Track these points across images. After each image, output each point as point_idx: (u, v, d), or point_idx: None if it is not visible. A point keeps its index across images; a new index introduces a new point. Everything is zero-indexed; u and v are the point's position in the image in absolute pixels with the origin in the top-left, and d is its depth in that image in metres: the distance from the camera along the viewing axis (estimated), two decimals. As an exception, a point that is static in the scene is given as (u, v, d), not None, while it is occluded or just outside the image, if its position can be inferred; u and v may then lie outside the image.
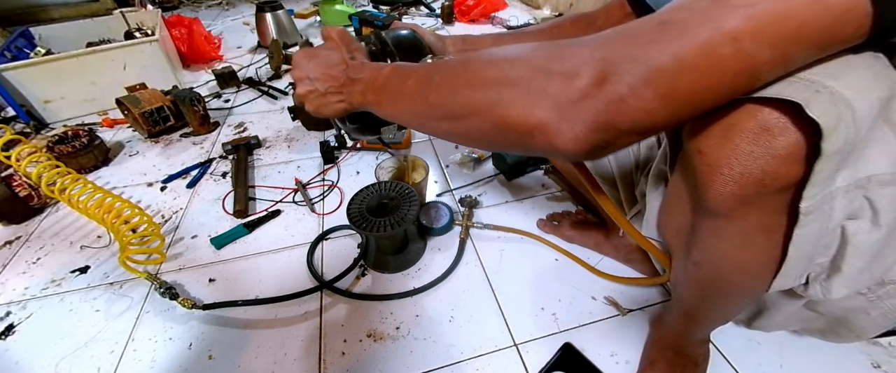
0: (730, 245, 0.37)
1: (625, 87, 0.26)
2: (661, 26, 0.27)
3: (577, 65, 0.28)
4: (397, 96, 0.41)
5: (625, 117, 0.27)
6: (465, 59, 0.36)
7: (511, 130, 0.31)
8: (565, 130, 0.28)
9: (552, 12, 2.14)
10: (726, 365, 0.62)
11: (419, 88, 0.39)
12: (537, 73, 0.29)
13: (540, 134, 0.30)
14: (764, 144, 0.29)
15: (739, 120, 0.29)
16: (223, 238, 0.84)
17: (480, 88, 0.33)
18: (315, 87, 0.48)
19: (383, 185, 0.76)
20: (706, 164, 0.32)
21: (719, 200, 0.33)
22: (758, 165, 0.29)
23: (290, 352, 0.65)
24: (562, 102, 0.28)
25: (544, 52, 0.30)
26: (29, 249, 0.86)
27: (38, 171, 0.80)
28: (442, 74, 0.37)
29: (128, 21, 1.62)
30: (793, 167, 0.29)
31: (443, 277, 0.75)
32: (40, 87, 1.26)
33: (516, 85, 0.30)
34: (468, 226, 0.84)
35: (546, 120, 0.29)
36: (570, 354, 0.63)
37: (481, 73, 0.33)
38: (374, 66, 0.45)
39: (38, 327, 0.70)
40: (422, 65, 0.40)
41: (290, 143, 1.17)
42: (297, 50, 0.53)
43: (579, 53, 0.29)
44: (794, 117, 0.28)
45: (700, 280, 0.44)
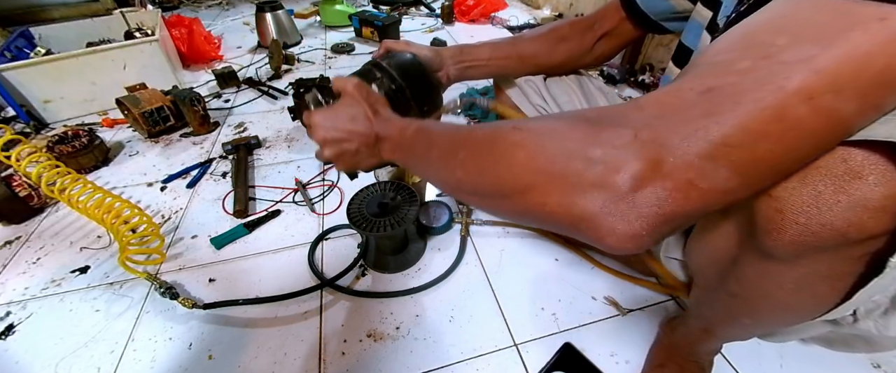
0: (781, 289, 0.34)
1: (691, 171, 0.23)
2: (708, 95, 0.24)
3: (621, 150, 0.24)
4: (424, 164, 0.40)
5: (695, 202, 0.23)
6: (488, 135, 0.32)
7: (550, 219, 0.28)
8: (620, 226, 0.24)
9: (552, 12, 2.14)
10: (726, 365, 0.62)
11: (444, 162, 0.36)
12: (574, 159, 0.26)
13: (587, 227, 0.26)
14: (854, 193, 0.25)
15: (825, 163, 0.25)
16: (223, 238, 0.84)
17: (509, 172, 0.29)
18: (344, 148, 0.46)
19: (383, 185, 0.76)
20: (776, 208, 0.28)
21: (786, 248, 0.29)
22: (843, 217, 0.25)
23: (291, 352, 0.65)
24: (610, 193, 0.24)
25: (579, 132, 0.27)
26: (29, 249, 0.86)
27: (37, 171, 0.80)
28: (467, 151, 0.34)
29: (128, 21, 1.62)
30: (885, 219, 0.25)
31: (445, 275, 0.75)
32: (40, 87, 1.26)
33: (550, 172, 0.27)
34: (468, 223, 0.84)
35: (594, 212, 0.25)
36: (570, 354, 0.63)
37: (509, 156, 0.30)
38: (398, 123, 0.44)
39: (38, 327, 0.70)
40: (443, 131, 0.38)
41: (290, 143, 1.17)
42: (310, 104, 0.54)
43: (620, 136, 0.25)
44: (892, 161, 0.24)
45: (732, 310, 0.42)
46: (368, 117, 0.46)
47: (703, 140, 0.23)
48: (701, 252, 0.45)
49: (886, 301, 0.33)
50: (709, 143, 0.23)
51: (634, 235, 0.24)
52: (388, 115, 0.47)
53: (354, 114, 0.46)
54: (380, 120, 0.46)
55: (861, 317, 0.35)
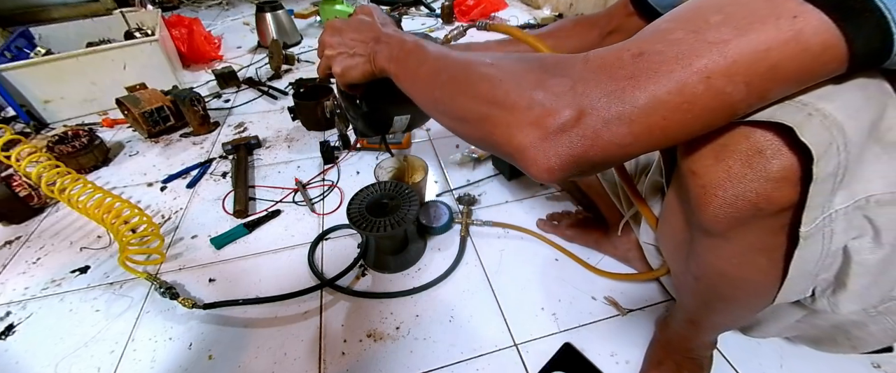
0: (728, 264, 0.37)
1: (600, 123, 0.27)
2: (637, 59, 0.27)
3: (558, 96, 0.29)
4: (412, 78, 0.42)
5: (597, 151, 0.28)
6: (467, 64, 0.36)
7: (495, 146, 0.33)
8: (540, 159, 0.29)
9: (552, 12, 2.14)
10: (726, 365, 0.62)
11: (429, 80, 0.39)
12: (522, 97, 0.30)
13: (519, 157, 0.31)
14: (757, 166, 0.29)
15: (732, 141, 0.30)
16: (223, 238, 0.84)
17: (473, 101, 0.34)
18: (345, 49, 0.49)
19: (383, 185, 0.76)
20: (699, 185, 0.32)
21: (714, 222, 0.33)
22: (751, 188, 0.30)
23: (291, 352, 0.65)
24: (540, 132, 0.29)
25: (533, 76, 0.31)
26: (29, 249, 0.86)
27: (37, 171, 0.80)
28: (447, 74, 0.37)
29: (128, 21, 1.62)
30: (787, 190, 0.29)
31: (445, 275, 0.75)
32: (40, 87, 1.26)
33: (502, 106, 0.31)
34: (468, 224, 0.84)
35: (525, 145, 0.30)
36: (569, 354, 0.63)
37: (476, 86, 0.34)
38: (400, 35, 0.46)
39: (38, 327, 0.70)
40: (437, 52, 0.41)
41: (290, 143, 1.17)
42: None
43: (561, 84, 0.29)
44: (787, 140, 0.28)
45: (701, 293, 0.45)
46: (374, 26, 0.48)
47: (617, 100, 0.27)
48: (666, 237, 0.48)
49: (832, 280, 0.36)
50: (621, 102, 0.27)
51: (549, 168, 0.29)
52: (393, 28, 0.49)
53: (363, 22, 0.49)
54: (385, 28, 0.48)
55: (818, 296, 0.38)
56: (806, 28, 0.23)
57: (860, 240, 0.33)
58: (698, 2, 0.28)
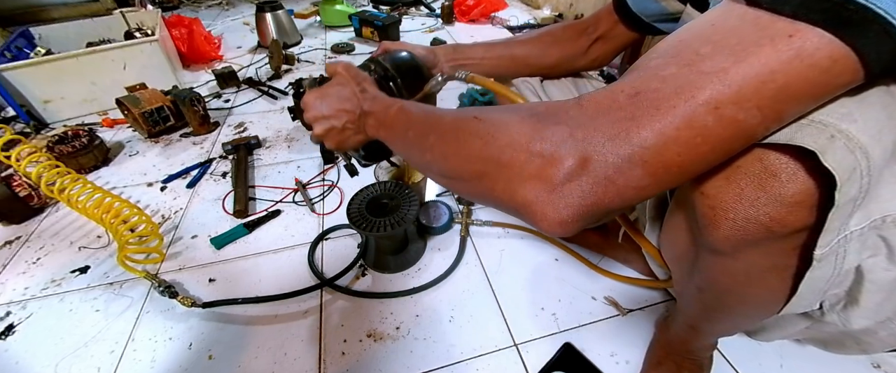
0: (734, 280, 0.36)
1: (610, 169, 0.26)
2: (634, 100, 0.26)
3: (557, 146, 0.28)
4: (402, 142, 0.43)
5: (613, 197, 0.27)
6: (454, 122, 0.36)
7: (498, 202, 0.32)
8: (550, 213, 0.28)
9: (552, 12, 2.14)
10: (726, 365, 0.62)
11: (417, 143, 0.39)
12: (519, 151, 0.29)
13: (525, 212, 0.29)
14: (771, 190, 0.27)
15: (745, 163, 0.28)
16: (223, 238, 0.84)
17: (467, 160, 0.33)
18: (332, 124, 0.49)
19: (383, 185, 0.76)
20: (708, 205, 0.31)
21: (723, 243, 0.32)
22: (764, 212, 0.28)
23: (291, 352, 0.65)
24: (545, 184, 0.28)
25: (527, 127, 0.30)
26: (29, 249, 0.86)
27: (37, 171, 0.80)
28: (436, 136, 0.37)
29: (128, 21, 1.62)
30: (802, 214, 0.28)
31: (445, 275, 0.75)
32: (40, 87, 1.26)
33: (499, 162, 0.30)
34: (468, 224, 0.84)
35: (531, 200, 0.28)
36: (570, 354, 0.63)
37: (467, 144, 0.33)
38: (383, 101, 0.46)
39: (38, 327, 0.70)
40: (422, 114, 0.41)
41: (290, 143, 1.17)
42: (306, 89, 0.56)
43: (559, 132, 0.28)
44: (804, 163, 0.26)
45: (704, 302, 0.44)
46: (356, 95, 0.48)
47: (623, 142, 0.26)
48: (669, 249, 0.48)
49: (843, 295, 0.35)
50: (628, 144, 0.26)
51: (562, 221, 0.28)
52: (374, 93, 0.49)
53: (343, 92, 0.48)
54: (366, 97, 0.47)
55: (827, 310, 0.37)
56: (806, 45, 0.22)
57: (874, 259, 0.32)
58: (678, 37, 0.28)
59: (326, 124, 0.49)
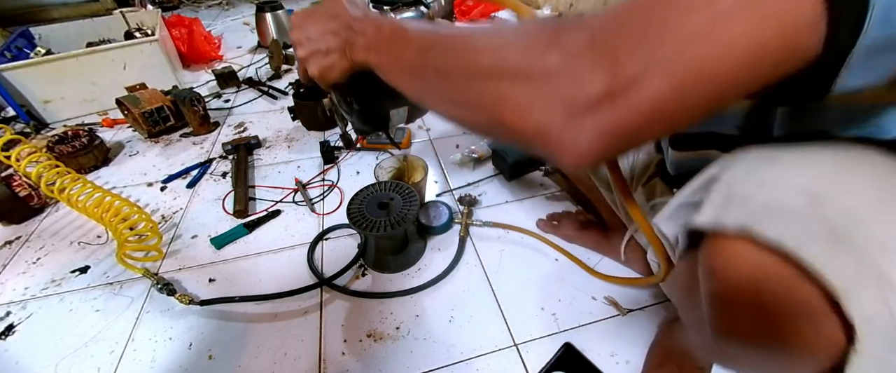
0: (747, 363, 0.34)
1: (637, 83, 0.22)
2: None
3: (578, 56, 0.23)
4: (397, 65, 0.37)
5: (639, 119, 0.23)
6: (460, 37, 0.31)
7: (508, 131, 0.27)
8: (567, 141, 0.24)
9: (552, 12, 2.14)
10: (726, 365, 0.62)
11: (416, 64, 0.35)
12: (534, 63, 0.25)
13: (540, 141, 0.26)
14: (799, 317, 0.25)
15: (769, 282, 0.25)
16: (223, 238, 0.84)
17: (474, 79, 0.29)
18: (316, 46, 0.42)
19: (383, 185, 0.76)
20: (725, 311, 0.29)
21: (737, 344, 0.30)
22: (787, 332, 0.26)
23: (290, 352, 0.65)
24: (563, 106, 0.24)
25: (545, 36, 0.25)
26: (29, 249, 0.86)
27: (37, 171, 0.80)
28: (437, 51, 0.32)
29: (128, 21, 1.62)
30: (829, 348, 0.24)
31: (443, 274, 0.75)
32: (40, 87, 1.26)
33: (513, 77, 0.26)
34: (468, 224, 0.84)
35: (546, 126, 0.24)
36: (570, 354, 0.63)
37: (475, 59, 0.29)
38: (375, 19, 0.40)
39: (38, 327, 0.70)
40: (422, 29, 0.35)
41: (290, 143, 1.17)
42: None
43: (578, 39, 0.24)
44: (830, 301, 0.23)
45: (715, 353, 0.41)
46: (345, 12, 0.42)
47: (651, 46, 0.22)
48: (674, 294, 0.45)
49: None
50: (657, 48, 0.21)
51: (581, 153, 0.24)
52: (365, 11, 0.43)
53: (331, 9, 0.43)
54: (356, 15, 0.41)
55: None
56: None
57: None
58: None
59: (310, 46, 0.43)
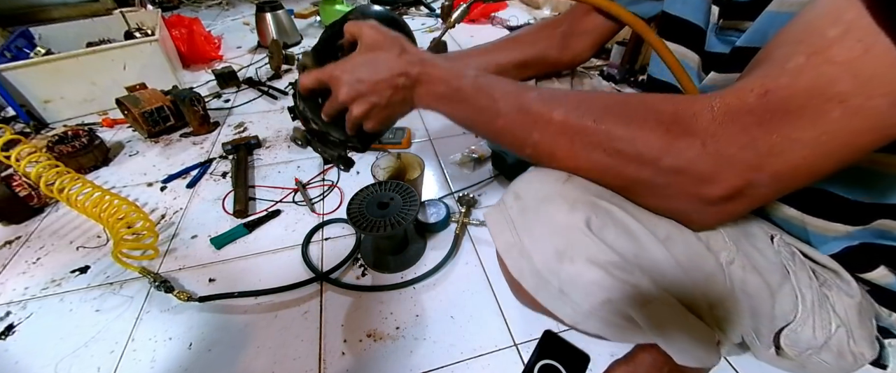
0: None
1: (746, 182, 0.28)
2: (764, 100, 0.26)
3: (690, 162, 0.28)
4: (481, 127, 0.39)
5: (746, 206, 0.30)
6: (568, 129, 0.33)
7: (636, 199, 0.34)
8: (696, 220, 0.33)
9: (552, 12, 2.14)
10: (727, 366, 0.62)
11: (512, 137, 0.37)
12: (649, 169, 0.30)
13: (671, 216, 0.34)
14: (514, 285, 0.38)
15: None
16: (223, 238, 0.84)
17: (589, 171, 0.34)
18: (373, 101, 0.41)
19: (383, 185, 0.76)
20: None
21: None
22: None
23: (290, 352, 0.65)
24: (700, 201, 0.30)
25: (655, 139, 0.30)
26: (29, 249, 0.86)
27: (37, 170, 0.80)
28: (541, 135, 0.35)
29: (128, 21, 1.62)
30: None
31: (439, 266, 0.75)
32: (40, 87, 1.26)
33: (630, 179, 0.32)
34: (465, 223, 0.84)
35: (680, 211, 0.32)
36: (551, 341, 0.63)
37: (588, 156, 0.33)
38: (444, 69, 0.40)
39: (38, 327, 0.70)
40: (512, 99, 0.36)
41: (289, 143, 1.17)
42: (306, 67, 0.46)
43: (691, 148, 0.28)
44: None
45: None
46: (397, 60, 0.40)
47: (752, 151, 0.26)
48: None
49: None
50: (756, 153, 0.26)
51: (706, 226, 0.34)
52: (420, 55, 0.41)
53: (380, 59, 0.40)
54: (412, 60, 0.40)
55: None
56: None
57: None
58: (805, 17, 0.26)
59: (366, 103, 0.41)
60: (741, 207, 0.30)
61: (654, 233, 0.33)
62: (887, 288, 0.38)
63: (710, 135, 0.28)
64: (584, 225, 0.32)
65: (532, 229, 0.34)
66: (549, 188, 0.34)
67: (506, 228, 0.36)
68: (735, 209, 0.30)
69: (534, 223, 0.34)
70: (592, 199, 0.33)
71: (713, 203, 0.29)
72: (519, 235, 0.35)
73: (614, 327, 0.34)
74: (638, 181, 0.32)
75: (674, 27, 0.49)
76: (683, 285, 0.34)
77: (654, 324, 0.33)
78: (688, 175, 0.29)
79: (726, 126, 0.27)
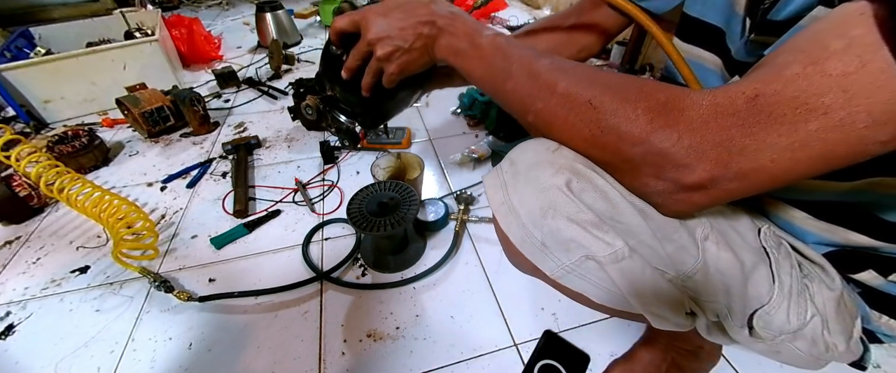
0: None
1: (716, 181, 0.29)
2: (752, 104, 0.27)
3: (666, 152, 0.30)
4: (490, 85, 0.41)
5: (714, 199, 0.31)
6: (569, 102, 0.35)
7: (613, 170, 0.35)
8: (662, 203, 0.34)
9: (552, 12, 2.14)
10: (727, 366, 0.62)
11: (517, 99, 0.39)
12: (630, 146, 0.32)
13: (640, 191, 0.34)
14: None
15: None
16: (223, 238, 0.84)
17: (578, 141, 0.35)
18: (397, 44, 0.43)
19: (383, 184, 0.76)
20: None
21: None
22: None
23: (290, 352, 0.65)
24: (672, 184, 0.31)
25: (641, 122, 0.31)
26: (29, 249, 0.86)
27: (37, 170, 0.80)
28: (543, 104, 0.37)
29: (128, 21, 1.62)
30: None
31: (438, 265, 0.75)
32: (40, 87, 1.26)
33: (612, 152, 0.33)
34: (464, 220, 0.84)
35: (651, 188, 0.33)
36: (552, 341, 0.63)
37: (580, 127, 0.34)
38: (466, 23, 0.42)
39: (38, 327, 0.70)
40: (526, 64, 0.38)
41: (290, 143, 1.17)
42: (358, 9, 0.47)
43: (668, 137, 0.30)
44: None
45: None
46: (430, 7, 0.43)
47: (724, 150, 0.28)
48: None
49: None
50: (728, 153, 0.28)
51: (678, 212, 0.35)
52: (451, 7, 0.43)
53: (413, 6, 0.43)
54: (441, 10, 0.42)
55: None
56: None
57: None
58: (819, 25, 0.27)
59: (390, 45, 0.43)
60: (708, 198, 0.31)
61: (631, 202, 0.35)
62: (878, 289, 0.39)
63: (689, 129, 0.29)
64: (565, 186, 0.34)
65: (521, 190, 0.37)
66: (539, 156, 0.37)
67: (499, 189, 0.39)
68: (702, 200, 0.31)
69: (522, 185, 0.37)
70: (576, 165, 0.35)
71: (685, 189, 0.31)
72: (508, 195, 0.38)
73: (592, 284, 0.37)
74: (618, 158, 0.33)
75: (693, 28, 0.49)
76: (655, 250, 0.36)
77: (626, 282, 0.35)
78: (663, 160, 0.30)
79: (708, 123, 0.28)
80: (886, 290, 0.38)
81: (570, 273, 0.37)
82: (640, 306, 0.36)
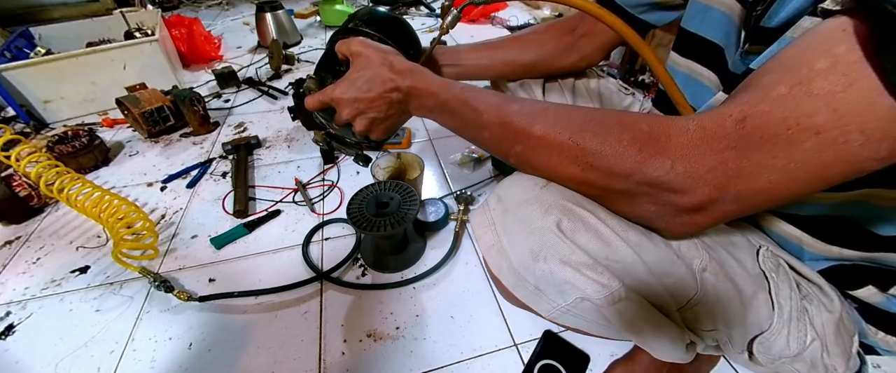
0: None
1: (713, 204, 0.29)
2: (741, 126, 0.27)
3: (659, 180, 0.30)
4: (469, 135, 0.42)
5: (710, 221, 0.31)
6: (547, 142, 0.35)
7: (606, 202, 0.36)
8: (662, 227, 0.34)
9: (552, 12, 2.14)
10: (727, 366, 0.62)
11: (495, 145, 0.39)
12: (621, 181, 0.32)
13: (639, 219, 0.35)
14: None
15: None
16: (223, 238, 0.84)
17: (565, 180, 0.35)
18: (372, 116, 0.45)
19: (383, 184, 0.76)
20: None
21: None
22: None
23: (290, 352, 0.65)
24: (668, 210, 0.31)
25: (629, 156, 0.31)
26: (29, 249, 0.86)
27: (37, 170, 0.80)
28: (523, 147, 0.37)
29: (128, 21, 1.62)
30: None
31: (438, 265, 0.75)
32: (40, 87, 1.26)
33: (602, 189, 0.34)
34: (464, 220, 0.84)
35: (651, 216, 0.33)
36: (552, 341, 0.63)
37: (564, 168, 0.34)
38: (431, 83, 0.43)
39: (38, 327, 0.70)
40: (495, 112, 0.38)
41: (290, 143, 1.17)
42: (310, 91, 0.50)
43: (661, 166, 0.30)
44: None
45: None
46: (388, 75, 0.43)
47: (720, 173, 0.28)
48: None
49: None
50: (724, 175, 0.28)
51: (673, 235, 0.35)
52: (407, 67, 0.44)
53: (370, 75, 0.44)
54: (402, 75, 0.43)
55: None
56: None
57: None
58: (800, 43, 0.26)
59: (366, 119, 0.45)
60: (707, 219, 0.31)
61: (626, 239, 0.34)
62: (876, 306, 0.38)
63: (680, 155, 0.29)
64: (556, 227, 0.34)
65: (510, 230, 0.36)
66: (527, 193, 0.36)
67: (488, 229, 0.38)
68: (703, 221, 0.31)
69: (512, 225, 0.36)
70: (566, 204, 0.35)
71: (683, 212, 0.31)
72: (498, 236, 0.37)
73: (589, 322, 0.36)
74: (610, 191, 0.33)
75: (691, 44, 0.49)
76: (652, 287, 0.35)
77: (624, 321, 0.34)
78: (658, 188, 0.30)
79: (699, 147, 0.28)
80: (885, 307, 0.38)
81: (567, 313, 0.36)
82: (638, 342, 0.36)
